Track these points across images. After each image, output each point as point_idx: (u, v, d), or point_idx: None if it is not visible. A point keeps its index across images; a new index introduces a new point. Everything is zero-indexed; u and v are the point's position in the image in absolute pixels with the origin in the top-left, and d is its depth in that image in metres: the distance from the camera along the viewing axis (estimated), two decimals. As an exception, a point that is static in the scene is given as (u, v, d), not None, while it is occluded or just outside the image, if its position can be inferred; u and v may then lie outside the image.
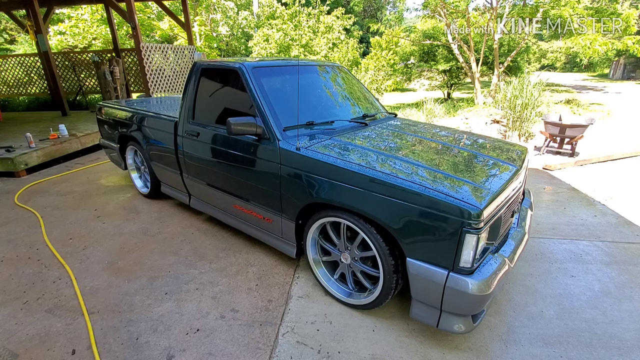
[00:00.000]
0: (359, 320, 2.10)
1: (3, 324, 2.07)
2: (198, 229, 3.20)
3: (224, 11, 19.05)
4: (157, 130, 3.27)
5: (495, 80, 10.85)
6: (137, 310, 2.17)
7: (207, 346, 1.91)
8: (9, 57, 9.84)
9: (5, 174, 4.70)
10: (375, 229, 1.87)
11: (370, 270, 2.06)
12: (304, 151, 2.09)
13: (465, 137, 2.71)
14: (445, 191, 1.64)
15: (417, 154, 2.14)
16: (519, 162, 2.22)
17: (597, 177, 4.53)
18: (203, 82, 2.78)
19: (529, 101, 6.26)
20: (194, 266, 2.64)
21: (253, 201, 2.53)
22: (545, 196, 3.92)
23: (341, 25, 14.08)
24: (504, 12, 10.21)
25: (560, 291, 2.35)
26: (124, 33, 15.87)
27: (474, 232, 1.54)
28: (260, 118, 2.28)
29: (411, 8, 34.57)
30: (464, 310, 1.69)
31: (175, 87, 7.80)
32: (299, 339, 1.96)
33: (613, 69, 27.24)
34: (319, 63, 3.19)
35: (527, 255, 2.73)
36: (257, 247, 2.89)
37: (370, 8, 27.89)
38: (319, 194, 2.04)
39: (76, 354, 1.85)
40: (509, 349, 1.88)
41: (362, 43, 20.07)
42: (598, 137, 6.76)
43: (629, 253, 2.80)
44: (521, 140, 6.46)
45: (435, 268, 1.68)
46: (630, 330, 2.02)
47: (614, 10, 9.86)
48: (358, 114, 2.87)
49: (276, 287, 2.40)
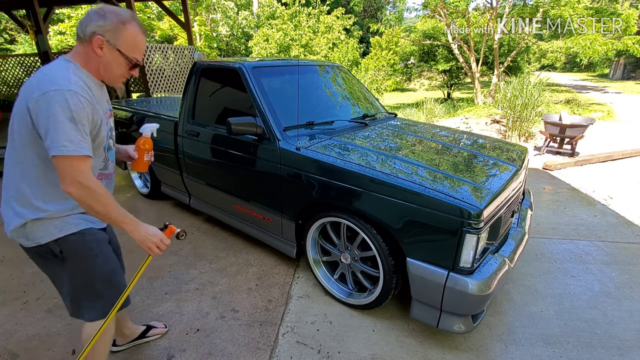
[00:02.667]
0: (359, 320, 2.10)
1: (3, 324, 2.07)
2: (198, 229, 3.20)
3: (224, 11, 19.05)
4: (157, 131, 3.26)
5: (495, 80, 10.86)
6: (137, 310, 2.17)
7: (207, 346, 1.91)
8: (9, 57, 9.84)
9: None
10: (375, 229, 1.87)
11: (370, 270, 2.06)
12: (304, 151, 2.09)
13: (465, 137, 2.71)
14: (445, 191, 1.64)
15: (417, 154, 2.14)
16: (519, 162, 2.22)
17: (597, 177, 4.53)
18: (203, 82, 2.78)
19: (529, 101, 6.26)
20: (194, 266, 2.64)
21: (253, 201, 2.53)
22: (545, 196, 3.92)
23: (341, 25, 14.08)
24: (504, 12, 10.21)
25: (560, 291, 2.35)
26: (124, 33, 15.86)
27: (474, 232, 1.54)
28: (260, 118, 2.28)
29: (411, 8, 34.57)
30: (464, 310, 1.69)
31: (175, 87, 7.81)
32: (299, 339, 1.96)
33: (613, 69, 27.25)
34: (319, 63, 3.19)
35: (527, 255, 2.73)
36: (257, 247, 2.89)
37: (370, 8, 27.89)
38: (319, 194, 2.04)
39: (76, 354, 1.85)
40: (509, 349, 1.88)
41: (362, 43, 20.08)
42: (598, 137, 6.76)
43: (629, 253, 2.80)
44: (521, 140, 6.45)
45: (435, 268, 1.68)
46: (630, 330, 2.02)
47: (614, 10, 9.87)
48: (358, 114, 2.87)
49: (276, 287, 2.40)
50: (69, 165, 1.11)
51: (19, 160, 1.21)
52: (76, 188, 1.13)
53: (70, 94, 1.10)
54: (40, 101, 1.08)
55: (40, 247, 1.28)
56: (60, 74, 1.14)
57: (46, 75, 1.14)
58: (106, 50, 1.20)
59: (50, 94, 1.08)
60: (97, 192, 1.16)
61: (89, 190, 1.14)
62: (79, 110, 1.12)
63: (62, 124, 1.08)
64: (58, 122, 1.08)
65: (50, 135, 1.08)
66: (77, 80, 1.16)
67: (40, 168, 1.20)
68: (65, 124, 1.09)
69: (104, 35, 1.18)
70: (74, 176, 1.12)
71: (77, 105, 1.11)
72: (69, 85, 1.11)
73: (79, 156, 1.12)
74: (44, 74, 1.15)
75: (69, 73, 1.16)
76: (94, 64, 1.23)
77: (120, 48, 1.21)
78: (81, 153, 1.12)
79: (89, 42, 1.19)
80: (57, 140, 1.08)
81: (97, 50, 1.19)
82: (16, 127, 1.18)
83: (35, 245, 1.28)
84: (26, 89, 1.13)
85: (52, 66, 1.19)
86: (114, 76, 1.28)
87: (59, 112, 1.08)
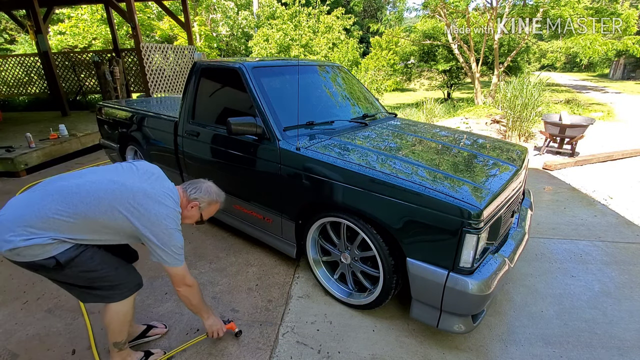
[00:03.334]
0: (359, 320, 2.10)
1: (3, 324, 2.07)
2: (198, 229, 3.20)
3: (224, 11, 19.03)
4: (157, 130, 3.27)
5: (495, 80, 10.85)
6: (138, 310, 2.16)
7: (207, 346, 1.91)
8: (9, 57, 9.84)
9: (5, 174, 4.70)
10: (375, 229, 1.87)
11: (370, 270, 2.06)
12: (304, 151, 2.09)
13: (465, 137, 2.71)
14: (445, 191, 1.64)
15: (417, 154, 2.14)
16: (519, 162, 2.22)
17: (597, 177, 4.53)
18: (203, 82, 2.78)
19: (529, 101, 6.25)
20: (194, 266, 2.64)
21: (253, 201, 2.53)
22: (545, 196, 3.92)
23: (341, 25, 14.08)
24: (504, 12, 10.21)
25: (560, 291, 2.35)
26: (124, 33, 15.87)
27: (474, 232, 1.54)
28: (260, 118, 2.28)
29: (411, 8, 34.55)
30: (464, 310, 1.69)
31: (175, 87, 7.80)
32: (299, 339, 1.96)
33: (613, 69, 27.23)
34: (319, 63, 3.19)
35: (527, 255, 2.73)
36: (257, 247, 2.89)
37: (370, 8, 27.88)
38: (319, 194, 2.04)
39: (76, 354, 1.86)
40: (509, 349, 1.88)
41: (362, 43, 20.07)
42: (598, 137, 6.76)
43: (629, 253, 2.80)
44: (521, 140, 6.45)
45: (435, 268, 1.68)
46: (630, 330, 2.02)
47: (614, 10, 9.86)
48: (358, 114, 2.87)
49: (276, 287, 2.40)
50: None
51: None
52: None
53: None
54: None
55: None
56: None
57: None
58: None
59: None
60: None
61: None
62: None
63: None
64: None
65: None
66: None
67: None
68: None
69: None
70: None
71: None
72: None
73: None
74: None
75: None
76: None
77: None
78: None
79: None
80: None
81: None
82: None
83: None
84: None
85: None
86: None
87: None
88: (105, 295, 1.53)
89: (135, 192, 1.42)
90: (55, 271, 1.40)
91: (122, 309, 1.57)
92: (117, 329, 1.60)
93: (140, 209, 1.40)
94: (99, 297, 1.53)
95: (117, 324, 1.58)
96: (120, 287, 1.55)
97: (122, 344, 1.66)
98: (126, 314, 1.60)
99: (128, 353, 1.72)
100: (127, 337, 1.68)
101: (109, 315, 1.56)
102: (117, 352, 1.66)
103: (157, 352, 1.84)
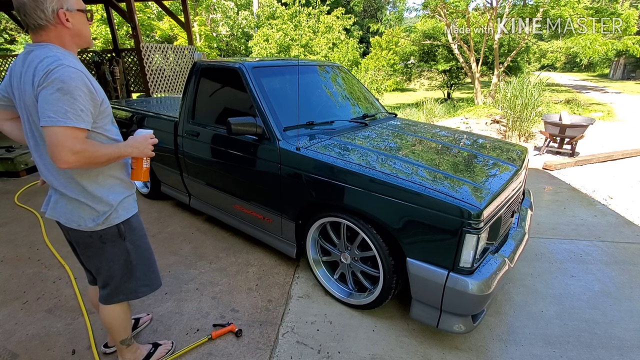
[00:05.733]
0: (359, 320, 2.10)
1: (3, 324, 2.07)
2: (198, 229, 3.20)
3: (224, 11, 19.05)
4: (157, 130, 3.24)
5: (495, 80, 10.86)
6: (137, 310, 2.17)
7: (207, 346, 1.91)
8: (9, 57, 9.84)
9: (5, 173, 4.70)
10: (375, 229, 1.87)
11: (370, 270, 2.06)
12: (304, 151, 2.09)
13: (465, 137, 2.71)
14: (445, 191, 1.64)
15: (417, 154, 2.14)
16: (519, 162, 2.22)
17: (597, 177, 4.53)
18: (203, 82, 2.78)
19: (529, 101, 6.26)
20: (194, 266, 2.64)
21: (253, 201, 2.53)
22: (545, 196, 3.92)
23: (341, 25, 14.09)
24: (504, 12, 10.21)
25: (560, 291, 2.35)
26: (124, 33, 15.89)
27: (474, 232, 1.54)
28: (260, 118, 2.28)
29: (411, 8, 34.58)
30: (464, 310, 1.69)
31: (175, 87, 7.80)
32: (299, 339, 1.96)
33: (613, 69, 27.24)
34: (319, 63, 3.19)
35: (527, 255, 2.73)
36: (257, 247, 2.89)
37: (370, 8, 27.88)
38: (319, 194, 2.04)
39: (76, 354, 1.85)
40: (509, 349, 1.89)
41: (362, 43, 20.08)
42: (598, 137, 6.76)
43: (629, 253, 2.80)
44: (521, 140, 6.45)
45: (435, 268, 1.68)
46: (630, 330, 2.02)
47: (614, 10, 9.86)
48: (358, 114, 2.87)
49: (276, 287, 2.40)
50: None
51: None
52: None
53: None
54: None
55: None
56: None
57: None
58: (71, 19, 1.17)
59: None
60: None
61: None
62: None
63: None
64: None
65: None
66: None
67: None
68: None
69: (62, 6, 1.15)
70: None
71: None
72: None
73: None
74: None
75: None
76: (68, 40, 1.20)
77: (77, 7, 1.19)
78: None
79: (55, 23, 1.15)
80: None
81: (67, 24, 1.16)
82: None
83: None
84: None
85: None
86: (87, 37, 1.27)
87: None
88: (143, 284, 1.54)
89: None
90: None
91: (122, 307, 1.57)
92: (121, 327, 1.59)
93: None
94: (132, 290, 1.52)
95: (120, 322, 1.58)
96: (155, 278, 1.59)
97: (129, 340, 1.65)
98: (126, 311, 1.60)
99: (137, 347, 1.72)
100: (131, 332, 1.67)
101: (110, 316, 1.56)
102: (126, 348, 1.65)
103: (166, 343, 1.84)
